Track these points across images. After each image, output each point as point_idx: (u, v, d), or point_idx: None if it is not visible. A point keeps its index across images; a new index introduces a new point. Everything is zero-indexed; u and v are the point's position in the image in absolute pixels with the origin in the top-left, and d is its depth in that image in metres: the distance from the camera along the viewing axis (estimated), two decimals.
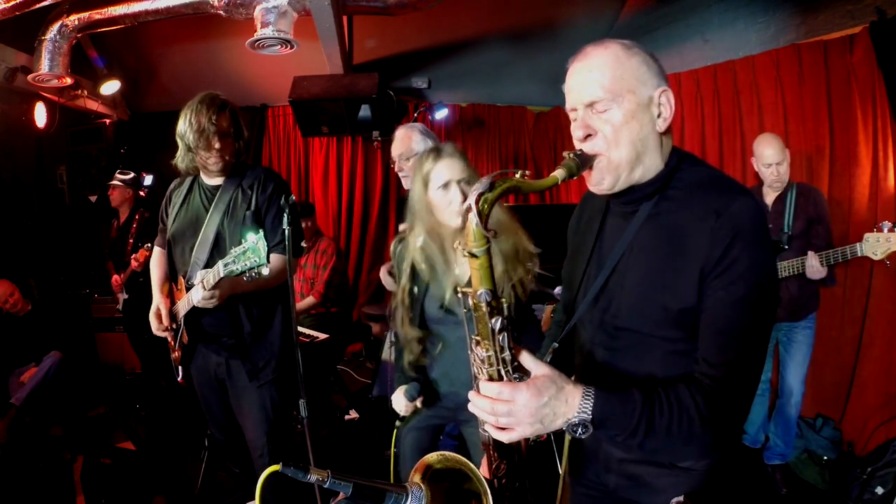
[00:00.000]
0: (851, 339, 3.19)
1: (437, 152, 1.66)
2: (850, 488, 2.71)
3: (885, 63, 2.90)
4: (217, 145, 2.00)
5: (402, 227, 1.91)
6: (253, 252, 1.68)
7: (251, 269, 1.69)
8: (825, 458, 3.09)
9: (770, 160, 2.72)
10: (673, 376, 1.00)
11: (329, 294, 3.83)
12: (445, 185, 1.61)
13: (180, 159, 2.05)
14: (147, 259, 3.52)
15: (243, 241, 1.72)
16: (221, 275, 1.78)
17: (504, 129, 5.40)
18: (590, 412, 0.91)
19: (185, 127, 1.99)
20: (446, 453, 1.02)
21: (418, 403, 1.78)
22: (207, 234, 2.05)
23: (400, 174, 2.57)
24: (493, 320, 0.96)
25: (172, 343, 2.24)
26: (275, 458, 2.11)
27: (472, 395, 0.97)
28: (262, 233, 1.69)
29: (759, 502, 2.83)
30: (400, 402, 1.77)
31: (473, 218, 0.91)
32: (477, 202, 0.91)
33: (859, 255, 2.41)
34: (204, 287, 1.85)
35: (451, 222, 1.63)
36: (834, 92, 3.20)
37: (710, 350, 0.97)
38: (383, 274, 2.67)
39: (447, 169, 1.62)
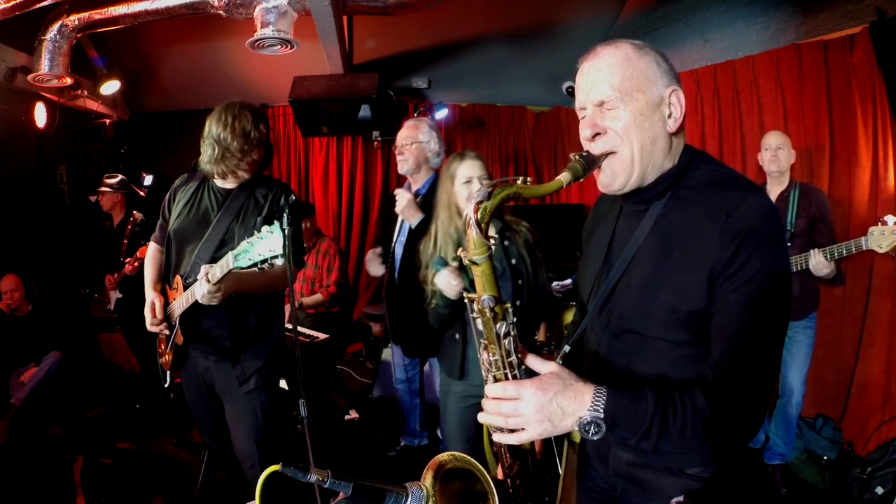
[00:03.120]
0: (851, 338, 3.18)
1: (461, 155, 2.04)
2: (850, 488, 2.71)
3: (885, 63, 2.89)
4: (255, 155, 1.99)
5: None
6: (267, 241, 1.53)
7: (265, 260, 1.54)
8: (825, 458, 3.09)
9: (770, 143, 2.82)
10: (681, 380, 0.98)
11: (338, 294, 3.85)
12: (468, 181, 1.99)
13: (210, 162, 1.96)
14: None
15: (256, 231, 1.58)
16: (231, 267, 1.63)
17: (504, 129, 5.38)
18: (602, 410, 0.88)
19: (224, 131, 1.91)
20: (456, 453, 1.02)
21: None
22: (214, 236, 1.99)
23: (399, 157, 2.71)
24: (499, 325, 0.96)
25: (163, 347, 2.18)
26: (266, 468, 2.08)
27: (483, 402, 0.96)
28: (277, 224, 1.55)
29: (759, 502, 2.82)
30: (443, 279, 1.84)
31: (473, 227, 0.91)
32: (476, 211, 0.91)
33: (864, 248, 2.38)
34: (209, 280, 1.73)
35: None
36: (834, 92, 3.20)
37: (722, 354, 0.94)
38: (370, 258, 2.75)
39: (469, 168, 2.00)
